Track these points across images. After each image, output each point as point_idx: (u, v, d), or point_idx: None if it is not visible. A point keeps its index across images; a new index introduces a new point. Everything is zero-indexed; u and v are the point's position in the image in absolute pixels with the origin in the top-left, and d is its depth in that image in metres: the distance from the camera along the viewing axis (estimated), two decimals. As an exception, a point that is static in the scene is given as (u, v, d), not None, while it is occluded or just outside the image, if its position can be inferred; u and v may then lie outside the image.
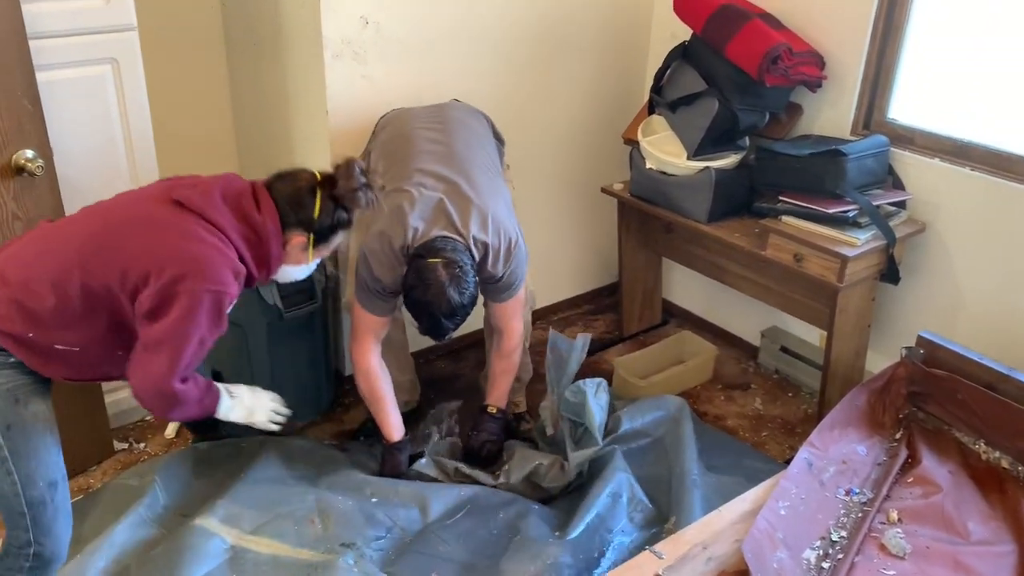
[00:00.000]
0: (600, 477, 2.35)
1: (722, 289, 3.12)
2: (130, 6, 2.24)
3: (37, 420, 1.77)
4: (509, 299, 2.40)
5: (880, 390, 2.44)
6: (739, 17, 2.60)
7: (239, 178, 1.89)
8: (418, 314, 2.16)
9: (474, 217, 2.20)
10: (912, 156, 2.60)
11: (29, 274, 1.71)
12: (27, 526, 1.78)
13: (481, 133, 2.48)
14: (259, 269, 1.86)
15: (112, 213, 1.81)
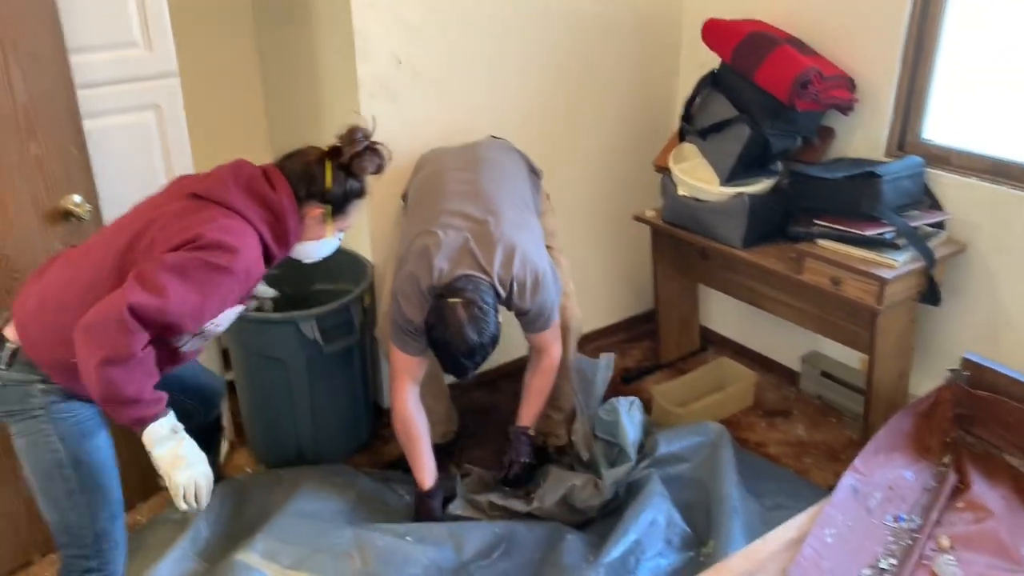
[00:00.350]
0: (637, 501, 2.34)
1: (760, 314, 3.10)
2: (172, 53, 2.31)
3: (101, 452, 1.84)
4: (544, 329, 2.41)
5: (925, 413, 2.40)
6: (767, 43, 2.62)
7: (248, 163, 1.91)
8: (439, 353, 2.19)
9: (499, 254, 2.23)
10: (949, 176, 2.57)
11: (67, 298, 1.73)
12: (89, 555, 1.86)
13: (511, 169, 2.51)
14: (279, 246, 1.86)
15: (135, 223, 1.79)
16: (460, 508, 2.45)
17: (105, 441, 1.86)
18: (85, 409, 1.81)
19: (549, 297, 2.33)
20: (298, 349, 2.51)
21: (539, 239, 2.39)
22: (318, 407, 2.63)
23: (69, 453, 1.79)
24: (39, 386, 1.76)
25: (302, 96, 2.89)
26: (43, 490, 1.82)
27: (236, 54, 3.03)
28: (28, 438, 1.79)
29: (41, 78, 2.03)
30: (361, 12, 2.45)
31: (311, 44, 2.72)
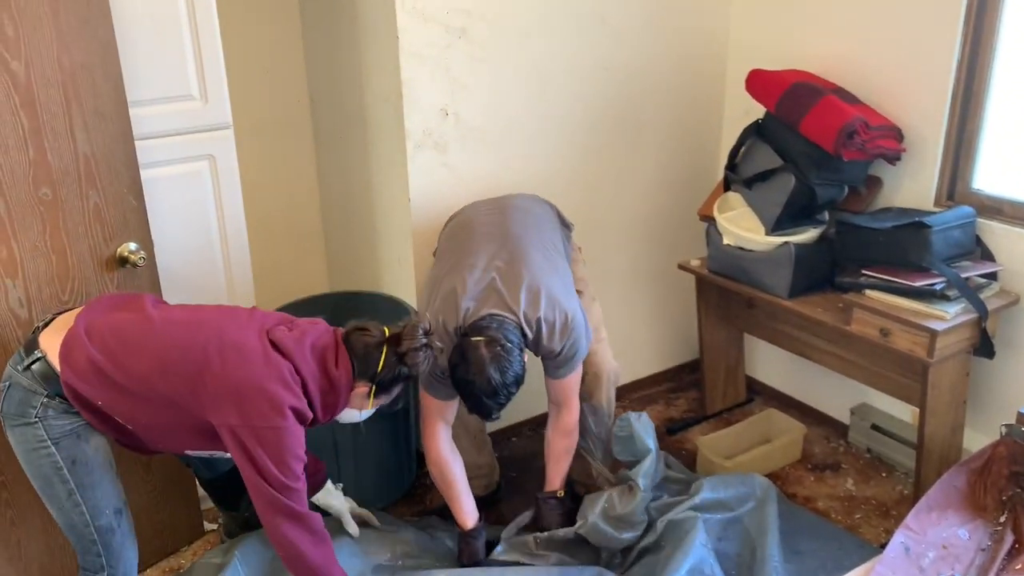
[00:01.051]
0: (679, 548, 2.30)
1: (808, 365, 3.05)
2: (226, 105, 2.40)
3: (98, 453, 1.94)
4: (568, 375, 2.39)
5: (980, 470, 2.33)
6: (812, 94, 2.62)
7: (327, 330, 2.02)
8: (462, 392, 2.19)
9: (525, 294, 2.23)
10: (1001, 226, 2.53)
11: (125, 351, 1.84)
12: (99, 552, 1.95)
13: (541, 216, 2.51)
14: (324, 414, 1.99)
15: (213, 329, 1.90)
16: (504, 553, 2.42)
17: (100, 441, 1.96)
18: (78, 418, 1.90)
19: (579, 340, 2.31)
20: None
21: (568, 282, 2.38)
22: (361, 456, 2.64)
23: (65, 455, 1.89)
24: (43, 399, 1.86)
25: (351, 145, 2.96)
26: (45, 494, 1.93)
27: (288, 104, 3.12)
28: (24, 445, 1.89)
29: (103, 132, 2.12)
30: (409, 64, 2.52)
31: (360, 95, 2.79)
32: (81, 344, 1.83)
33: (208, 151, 2.41)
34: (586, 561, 2.43)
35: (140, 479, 2.40)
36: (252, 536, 2.44)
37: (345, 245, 3.24)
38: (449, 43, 2.57)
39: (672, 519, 2.41)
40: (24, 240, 2.06)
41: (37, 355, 1.86)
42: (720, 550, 2.36)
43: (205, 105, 2.35)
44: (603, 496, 2.45)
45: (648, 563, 2.34)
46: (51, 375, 1.84)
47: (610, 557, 2.44)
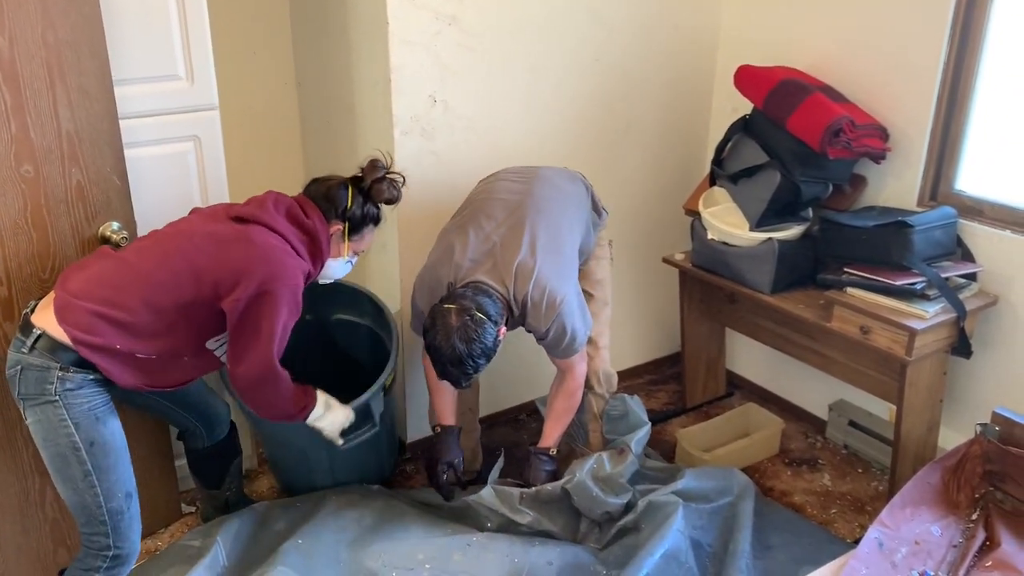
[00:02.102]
0: (658, 533, 2.33)
1: (787, 360, 3.07)
2: (213, 87, 2.38)
3: (114, 437, 1.97)
4: (566, 357, 2.41)
5: (954, 468, 2.36)
6: (800, 91, 2.63)
7: (281, 193, 2.14)
8: (431, 357, 2.21)
9: (518, 269, 2.24)
10: (982, 228, 2.55)
11: (117, 294, 1.90)
12: (107, 532, 1.97)
13: (568, 194, 2.49)
14: (314, 265, 2.09)
15: (185, 235, 2.00)
16: (488, 497, 2.44)
17: (117, 425, 1.99)
18: (98, 396, 1.94)
19: (569, 324, 2.30)
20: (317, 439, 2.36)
21: (568, 266, 2.37)
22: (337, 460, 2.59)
23: (84, 436, 1.90)
24: (57, 372, 1.87)
25: (338, 130, 2.94)
26: (60, 473, 1.93)
27: (275, 87, 3.10)
28: (44, 423, 1.90)
29: (87, 110, 2.10)
30: (398, 50, 2.51)
31: (348, 80, 2.78)
32: (73, 305, 1.88)
33: (193, 132, 2.39)
34: (564, 528, 2.45)
35: (118, 460, 2.38)
36: (232, 519, 2.45)
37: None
38: (439, 30, 2.56)
39: (653, 500, 2.44)
40: (5, 217, 2.04)
41: (36, 333, 1.88)
42: (694, 539, 2.39)
43: (191, 86, 2.33)
44: (593, 457, 2.50)
45: (626, 544, 2.37)
46: (57, 345, 1.86)
47: (588, 530, 2.46)
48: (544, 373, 2.62)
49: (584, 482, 2.42)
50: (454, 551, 2.34)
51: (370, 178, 2.15)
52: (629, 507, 2.46)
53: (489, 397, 3.03)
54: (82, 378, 1.90)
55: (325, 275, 2.20)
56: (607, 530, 2.45)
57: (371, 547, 2.35)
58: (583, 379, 2.51)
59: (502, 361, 2.72)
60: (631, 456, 2.52)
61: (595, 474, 2.46)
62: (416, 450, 3.01)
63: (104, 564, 1.99)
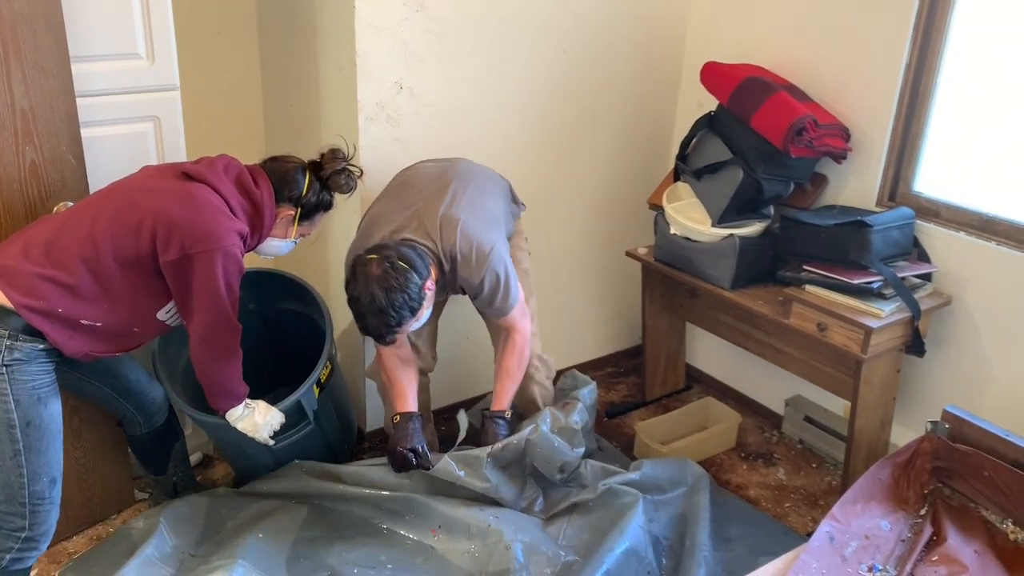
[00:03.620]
0: (617, 527, 2.34)
1: (746, 356, 3.11)
2: (174, 67, 2.33)
3: (52, 420, 1.95)
4: (504, 315, 2.39)
5: (904, 464, 2.40)
6: (764, 89, 2.65)
7: (236, 159, 2.13)
8: (353, 312, 2.16)
9: (442, 221, 2.25)
10: (938, 229, 2.60)
11: (56, 253, 1.89)
12: (24, 514, 1.94)
13: (487, 178, 2.51)
14: (252, 236, 2.08)
15: (128, 190, 2.00)
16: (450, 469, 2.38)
17: (57, 408, 1.97)
18: (44, 376, 1.93)
19: (502, 272, 2.28)
20: (254, 442, 2.33)
21: (493, 221, 2.36)
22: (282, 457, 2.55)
23: (22, 415, 1.88)
24: (6, 341, 1.85)
25: (302, 115, 2.91)
26: None
27: (238, 69, 3.05)
28: None
29: (42, 86, 2.05)
30: (365, 34, 2.48)
31: (314, 64, 2.74)
32: (15, 269, 1.87)
33: (153, 112, 2.35)
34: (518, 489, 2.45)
35: (70, 445, 2.34)
36: (177, 502, 2.42)
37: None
38: (407, 16, 2.54)
39: (613, 487, 2.45)
40: (-46, 194, 1.99)
41: None
42: (651, 532, 2.40)
43: (151, 65, 2.29)
44: (545, 412, 2.52)
45: (578, 525, 2.38)
46: (3, 312, 1.85)
47: (532, 499, 2.46)
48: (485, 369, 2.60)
49: (546, 434, 2.43)
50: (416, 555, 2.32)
51: (330, 168, 2.16)
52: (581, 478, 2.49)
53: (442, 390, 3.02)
54: (31, 349, 1.88)
55: (267, 251, 2.20)
56: (553, 499, 2.46)
57: (333, 546, 2.34)
58: (528, 333, 2.47)
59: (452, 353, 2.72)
60: (579, 404, 2.57)
61: (552, 427, 2.47)
62: (375, 439, 3.00)
63: (15, 546, 1.96)
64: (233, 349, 2.11)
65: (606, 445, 2.88)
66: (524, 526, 2.34)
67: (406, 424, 2.42)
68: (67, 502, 2.32)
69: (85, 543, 2.47)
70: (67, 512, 2.39)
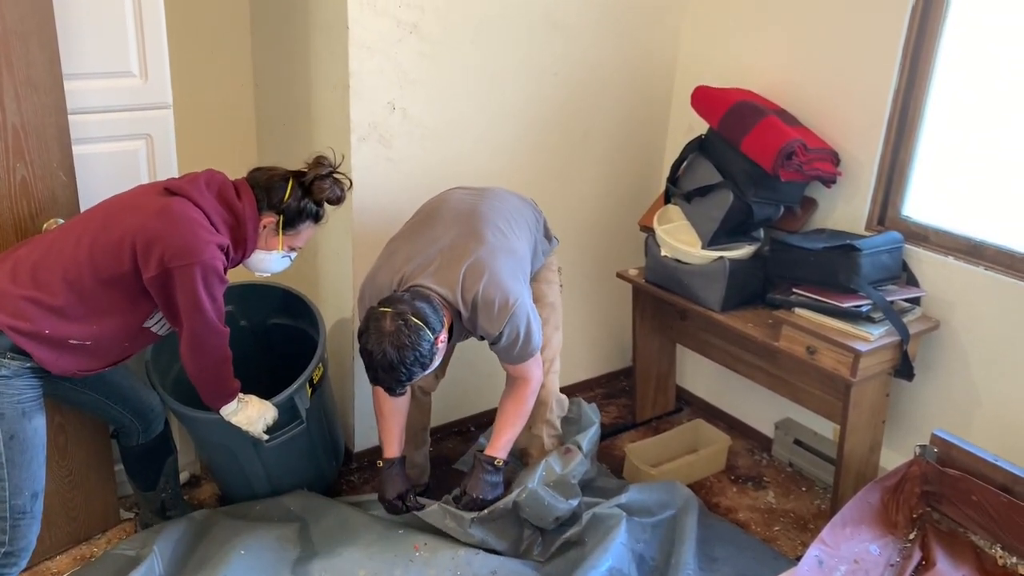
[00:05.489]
0: (601, 546, 2.34)
1: (736, 378, 3.11)
2: (167, 85, 2.34)
3: (36, 435, 1.95)
4: (521, 362, 2.34)
5: (893, 488, 2.40)
6: (755, 113, 2.67)
7: (221, 173, 2.14)
8: (364, 362, 2.14)
9: (467, 269, 2.19)
10: (926, 253, 2.61)
11: (42, 274, 1.90)
12: (5, 528, 1.93)
13: (518, 210, 2.46)
14: (235, 249, 2.07)
15: (112, 208, 2.01)
16: (435, 514, 2.39)
17: (41, 423, 1.97)
18: (30, 390, 1.93)
19: (523, 325, 2.24)
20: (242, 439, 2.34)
21: (520, 269, 2.32)
22: (273, 471, 2.56)
23: (6, 429, 1.89)
24: None
25: (295, 134, 2.91)
26: None
27: (231, 88, 3.06)
28: None
29: (34, 103, 2.05)
30: (358, 55, 2.49)
31: (307, 84, 2.75)
32: (5, 290, 1.88)
33: (145, 130, 2.35)
34: (512, 544, 2.43)
35: (55, 463, 2.32)
36: (171, 528, 2.40)
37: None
38: (400, 37, 2.55)
39: (597, 513, 2.45)
40: (-56, 210, 1.98)
41: None
42: (636, 552, 2.40)
43: (144, 83, 2.29)
44: (540, 464, 2.47)
45: (570, 558, 2.37)
46: None
47: (531, 541, 2.45)
48: (497, 384, 2.61)
49: (535, 491, 2.39)
50: (396, 567, 2.31)
51: (312, 173, 2.14)
52: (575, 517, 2.46)
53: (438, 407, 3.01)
54: (18, 366, 1.89)
55: (259, 268, 2.19)
56: (550, 541, 2.44)
57: (312, 563, 2.32)
58: (538, 384, 2.44)
59: (452, 372, 2.72)
60: (579, 455, 2.52)
61: (545, 481, 2.44)
62: (363, 459, 2.98)
63: None
64: (221, 352, 2.11)
65: (602, 469, 2.87)
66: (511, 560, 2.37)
67: (389, 471, 2.46)
68: (51, 521, 2.30)
69: (69, 563, 2.44)
70: (51, 531, 2.37)
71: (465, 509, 2.40)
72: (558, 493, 2.44)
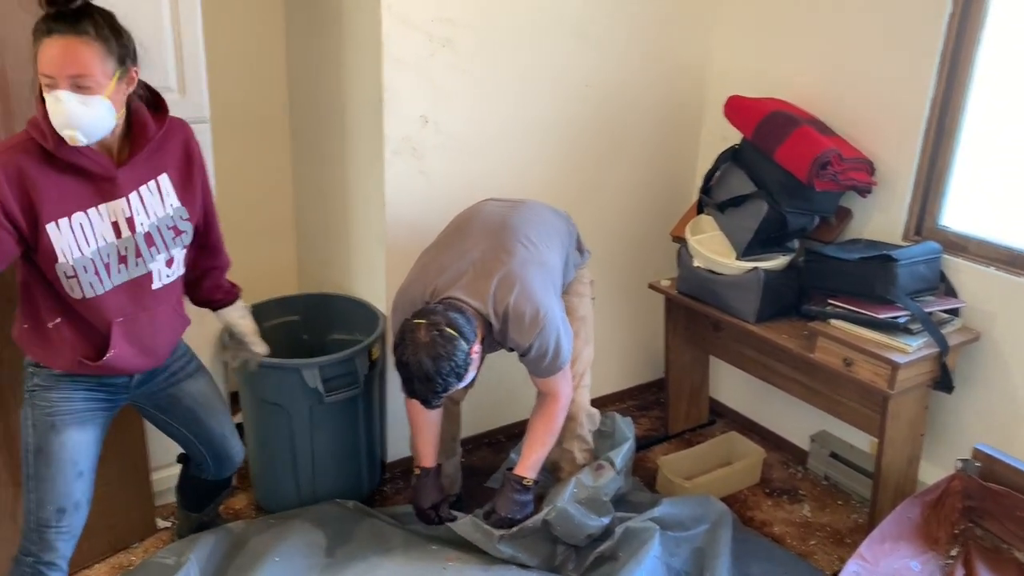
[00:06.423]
0: (634, 558, 2.32)
1: (770, 390, 3.08)
2: (204, 100, 2.37)
3: (63, 450, 1.92)
4: (550, 375, 2.34)
5: (934, 503, 2.36)
6: (789, 123, 2.65)
7: None
8: (400, 374, 2.14)
9: (499, 281, 2.19)
10: (966, 264, 2.57)
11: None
12: (34, 539, 1.93)
13: (551, 223, 2.46)
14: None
15: None
16: (467, 526, 2.40)
17: (72, 440, 1.93)
18: (64, 403, 1.92)
19: (553, 338, 2.23)
20: (300, 397, 2.50)
21: (551, 282, 2.32)
22: (318, 456, 2.62)
23: (34, 441, 1.90)
24: (30, 368, 1.91)
25: (328, 148, 2.94)
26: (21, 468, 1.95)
27: (266, 102, 3.10)
28: (21, 419, 1.93)
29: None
30: (392, 70, 2.51)
31: (341, 97, 2.78)
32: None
33: (183, 144, 2.38)
34: (543, 560, 2.42)
35: (94, 473, 2.36)
36: (207, 538, 2.42)
37: (317, 247, 3.21)
38: (433, 52, 2.57)
39: (630, 527, 2.43)
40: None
41: None
42: (670, 566, 2.38)
43: (183, 98, 2.32)
44: (571, 481, 2.46)
45: (604, 572, 2.35)
46: None
47: (565, 557, 2.43)
48: (528, 394, 2.61)
49: (565, 510, 2.38)
50: None
51: None
52: (608, 532, 2.44)
53: (470, 419, 3.01)
54: (47, 374, 1.91)
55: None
56: (584, 556, 2.43)
57: (345, 572, 2.33)
58: (568, 401, 2.44)
59: (483, 382, 2.72)
60: (611, 471, 2.50)
61: (576, 498, 2.43)
62: (395, 470, 2.99)
63: (28, 571, 1.94)
64: None
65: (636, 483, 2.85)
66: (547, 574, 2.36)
67: (425, 480, 2.48)
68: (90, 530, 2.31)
69: (108, 571, 2.47)
70: (90, 540, 2.39)
71: (494, 527, 2.40)
72: (589, 510, 2.42)
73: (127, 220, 1.82)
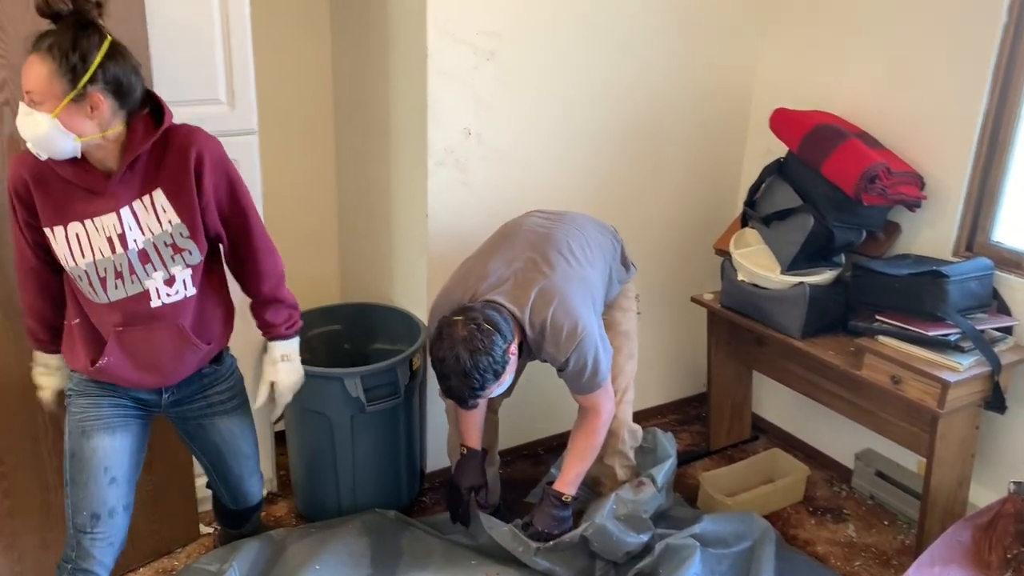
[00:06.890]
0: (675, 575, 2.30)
1: (814, 407, 3.03)
2: (253, 112, 2.41)
3: (95, 454, 1.92)
4: (590, 392, 2.32)
5: (985, 526, 2.30)
6: (836, 136, 2.61)
7: None
8: (436, 373, 2.13)
9: (539, 292, 2.19)
10: (1019, 280, 2.51)
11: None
12: (72, 544, 1.95)
13: (594, 237, 2.45)
14: None
15: None
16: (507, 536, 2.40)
17: (102, 446, 1.93)
18: (93, 409, 1.93)
19: (591, 354, 2.22)
20: (342, 406, 2.52)
21: (592, 297, 2.31)
22: (359, 465, 2.64)
23: (69, 446, 1.94)
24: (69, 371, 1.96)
25: (372, 159, 2.97)
26: None
27: (312, 114, 3.14)
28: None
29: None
30: (436, 82, 2.53)
31: (386, 108, 2.81)
32: None
33: (232, 155, 2.37)
34: (579, 570, 2.41)
35: (139, 478, 2.39)
36: (251, 544, 2.44)
37: (360, 256, 3.24)
38: (477, 64, 2.59)
39: (670, 543, 2.41)
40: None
41: None
42: None
43: (232, 110, 2.36)
44: (611, 497, 2.45)
45: None
46: None
47: (604, 573, 2.41)
48: (567, 406, 2.59)
49: (604, 526, 2.37)
50: None
51: None
52: (648, 548, 2.42)
53: (509, 431, 3.01)
54: (79, 379, 1.94)
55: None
56: (624, 572, 2.41)
57: None
58: (609, 416, 2.42)
59: (522, 394, 2.72)
60: (652, 488, 2.48)
61: (616, 514, 2.42)
62: (434, 480, 2.99)
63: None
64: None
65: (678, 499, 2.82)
66: None
67: (470, 460, 2.49)
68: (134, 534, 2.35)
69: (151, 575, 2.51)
70: (134, 544, 2.43)
71: (531, 539, 2.39)
72: (628, 527, 2.40)
73: (119, 236, 1.78)
